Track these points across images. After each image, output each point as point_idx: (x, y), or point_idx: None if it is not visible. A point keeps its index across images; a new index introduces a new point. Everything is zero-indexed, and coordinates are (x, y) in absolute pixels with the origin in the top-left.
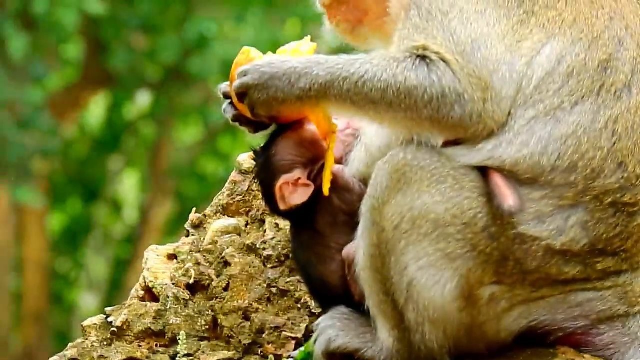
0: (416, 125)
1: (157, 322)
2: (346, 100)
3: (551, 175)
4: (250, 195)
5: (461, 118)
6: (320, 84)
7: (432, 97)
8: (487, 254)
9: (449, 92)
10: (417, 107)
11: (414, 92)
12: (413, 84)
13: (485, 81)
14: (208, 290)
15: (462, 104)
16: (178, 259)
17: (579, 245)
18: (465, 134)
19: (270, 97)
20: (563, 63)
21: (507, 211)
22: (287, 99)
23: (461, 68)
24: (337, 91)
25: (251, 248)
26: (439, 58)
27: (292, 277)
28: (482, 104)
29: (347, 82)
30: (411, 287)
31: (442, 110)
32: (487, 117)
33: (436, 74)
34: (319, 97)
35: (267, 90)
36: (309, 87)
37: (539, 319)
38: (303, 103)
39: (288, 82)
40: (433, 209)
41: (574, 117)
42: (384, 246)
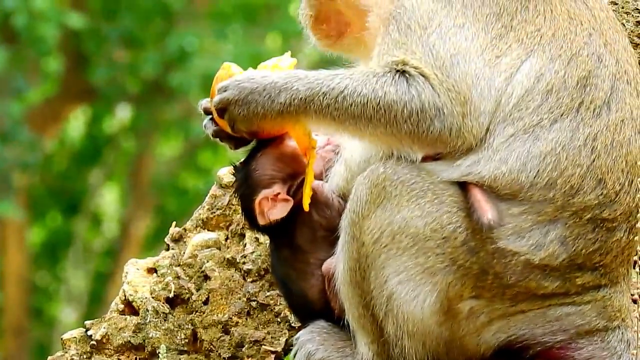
0: (396, 140)
1: (137, 335)
2: (326, 115)
3: (530, 191)
4: (230, 209)
5: (440, 132)
6: (300, 98)
7: (411, 111)
8: (467, 268)
9: (429, 107)
10: (397, 121)
11: (394, 106)
12: (392, 98)
13: (464, 95)
14: (188, 303)
15: (441, 119)
16: (158, 272)
17: (558, 260)
18: (444, 149)
19: (251, 112)
20: (542, 80)
21: (486, 225)
22: (267, 114)
23: (440, 82)
24: (317, 106)
25: (231, 262)
26: (418, 73)
27: (272, 291)
28: (462, 118)
29: (327, 97)
30: (391, 300)
31: (421, 125)
32: (466, 132)
33: (415, 88)
34: (299, 112)
35: (247, 105)
36: (289, 102)
37: (518, 333)
38: (283, 118)
39: (268, 97)
40: (412, 223)
41: (553, 134)
42: (363, 260)
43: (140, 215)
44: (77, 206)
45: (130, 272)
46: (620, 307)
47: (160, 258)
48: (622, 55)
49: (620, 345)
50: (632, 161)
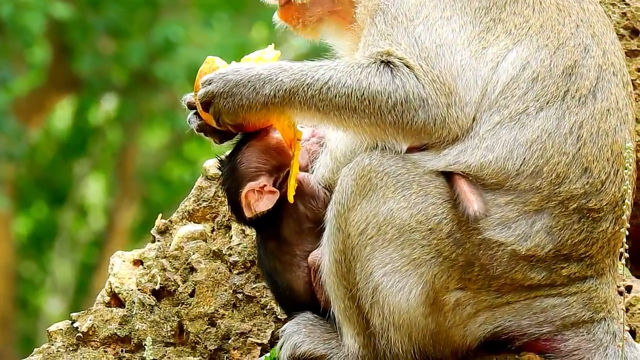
0: (380, 130)
1: (123, 327)
2: (311, 106)
3: (516, 180)
4: (216, 201)
5: (425, 123)
6: (284, 90)
7: (395, 102)
8: (452, 260)
9: (413, 97)
10: (381, 112)
11: (378, 97)
12: (377, 89)
13: (449, 86)
14: (174, 296)
15: (425, 109)
16: (144, 264)
17: (544, 251)
18: (429, 139)
19: (236, 105)
20: (528, 69)
21: (472, 216)
22: (252, 105)
23: (425, 73)
24: (302, 97)
25: (217, 254)
26: (402, 64)
27: (258, 283)
28: (446, 109)
29: (312, 88)
30: (376, 292)
31: (405, 116)
32: (451, 122)
33: (400, 79)
34: (284, 104)
35: (232, 97)
36: (273, 94)
37: (504, 324)
38: (268, 110)
39: (253, 89)
40: (398, 215)
41: (539, 122)
42: (349, 252)
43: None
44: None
45: (116, 264)
46: (606, 299)
47: (147, 250)
48: (609, 48)
49: (606, 337)
50: (618, 150)
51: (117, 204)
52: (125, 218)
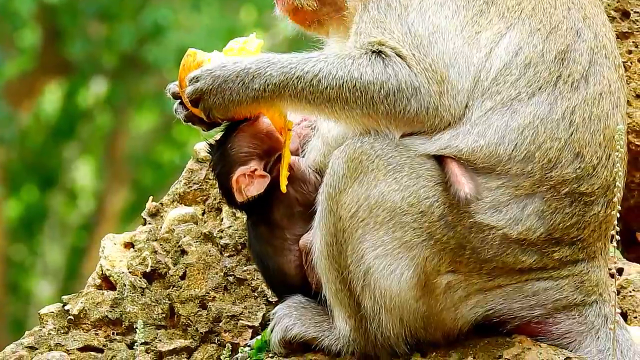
0: (373, 121)
1: (114, 310)
2: (301, 99)
3: (508, 164)
4: (207, 183)
5: (417, 112)
6: (274, 84)
7: (388, 92)
8: (444, 243)
9: (405, 87)
10: (374, 102)
11: (370, 87)
12: (369, 79)
13: (442, 74)
14: (165, 278)
15: (418, 98)
16: (135, 247)
17: (536, 235)
18: (421, 127)
19: (226, 101)
20: (520, 54)
21: (463, 199)
22: (242, 100)
23: (417, 62)
24: (292, 90)
25: (208, 237)
26: (394, 53)
27: (249, 265)
28: (438, 97)
29: (302, 82)
30: (368, 275)
31: (398, 105)
32: (443, 111)
33: (392, 68)
34: (274, 97)
35: (221, 93)
36: (263, 88)
37: (496, 307)
38: (259, 103)
39: (242, 84)
40: (389, 198)
41: (531, 107)
42: (340, 234)
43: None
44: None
45: (107, 246)
46: (598, 282)
47: (138, 233)
48: (600, 30)
49: (597, 320)
50: (610, 135)
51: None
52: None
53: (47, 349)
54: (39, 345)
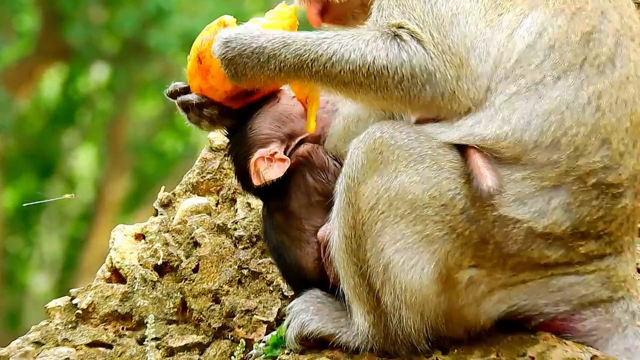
0: (388, 104)
1: (124, 304)
2: (317, 80)
3: (533, 153)
4: (221, 173)
5: (433, 97)
6: (289, 66)
7: (402, 77)
8: (466, 237)
9: (419, 72)
10: (388, 87)
11: (384, 72)
12: (382, 64)
13: (460, 58)
14: (177, 271)
15: (432, 83)
16: (146, 239)
17: (562, 228)
18: (439, 113)
19: (239, 73)
20: (544, 35)
21: (486, 192)
22: (256, 76)
23: (435, 45)
24: (307, 73)
25: (222, 228)
26: (411, 37)
27: (264, 258)
28: (455, 82)
29: (316, 64)
30: (387, 269)
31: (412, 91)
32: (461, 95)
33: (407, 52)
34: (290, 78)
35: (234, 65)
36: (278, 69)
37: (520, 303)
38: (274, 81)
39: (257, 61)
40: (410, 190)
41: (557, 92)
42: (359, 227)
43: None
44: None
45: (117, 238)
46: (625, 277)
47: (149, 224)
48: (625, 11)
49: (625, 317)
50: (637, 121)
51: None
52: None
53: (54, 345)
54: (46, 340)
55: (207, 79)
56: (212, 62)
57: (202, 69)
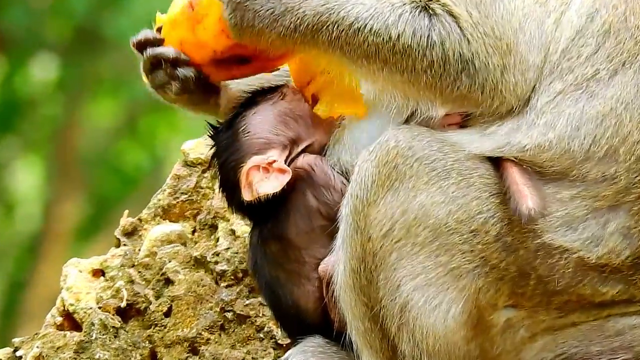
0: (415, 90)
1: (80, 356)
2: (336, 48)
3: (585, 165)
4: (199, 194)
5: (470, 90)
6: (306, 25)
7: (432, 62)
8: (502, 270)
9: (454, 58)
10: (415, 70)
11: (411, 53)
12: (408, 42)
13: (507, 43)
14: (145, 315)
15: (470, 73)
16: (106, 275)
17: (620, 258)
18: (476, 108)
19: (244, 23)
20: (597, 18)
21: (526, 215)
22: (265, 32)
23: (474, 25)
24: (326, 37)
25: (200, 262)
26: (445, 11)
27: (253, 298)
28: (500, 73)
29: (338, 29)
30: (405, 311)
31: (444, 79)
32: (505, 90)
33: (439, 32)
34: (305, 41)
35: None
36: (293, 27)
37: (569, 351)
38: (285, 42)
39: (271, 13)
40: (433, 212)
41: (613, 89)
42: (370, 259)
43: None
44: None
45: (70, 274)
46: None
47: (109, 257)
48: None
49: None
50: None
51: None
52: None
53: None
54: None
55: (196, 31)
56: (209, 10)
57: (192, 18)
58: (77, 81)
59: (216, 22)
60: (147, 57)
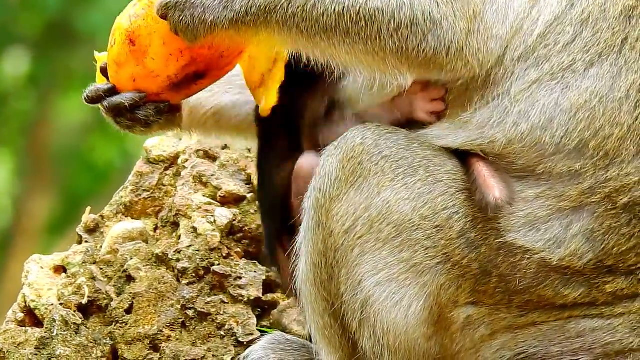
0: (379, 59)
1: (41, 352)
2: (292, 27)
3: (553, 159)
4: (161, 191)
5: (436, 52)
6: (258, 6)
7: (400, 23)
8: (464, 267)
9: (423, 18)
10: (380, 36)
11: (377, 16)
12: (376, 5)
13: (474, 9)
14: (106, 312)
15: (437, 34)
16: (67, 272)
17: (583, 261)
18: (440, 73)
19: (196, 19)
20: (577, 6)
21: (492, 205)
22: (217, 22)
23: None
24: (280, 16)
25: (161, 259)
26: None
27: (214, 296)
28: (465, 36)
29: (293, 5)
30: (367, 307)
31: (411, 42)
32: (469, 54)
33: None
34: (258, 24)
35: (191, 9)
36: (245, 10)
37: (529, 350)
38: (238, 30)
39: (219, 3)
40: (397, 208)
41: (588, 81)
42: (331, 254)
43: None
44: None
45: (32, 271)
46: None
47: (71, 253)
48: None
49: None
50: None
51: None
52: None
53: None
54: None
55: (145, 63)
56: (151, 40)
57: (137, 52)
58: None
59: (162, 49)
60: (105, 110)
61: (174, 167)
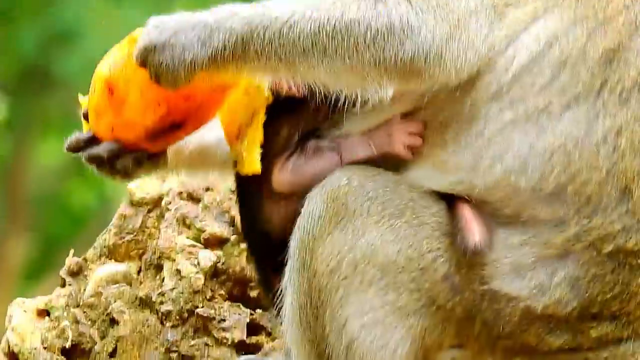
0: (357, 74)
1: None
2: (270, 54)
3: (534, 205)
4: (144, 233)
5: (413, 58)
6: (236, 39)
7: (376, 33)
8: (448, 310)
9: (400, 26)
10: (358, 49)
11: (354, 28)
12: (352, 17)
13: (459, 18)
14: (90, 356)
15: (415, 40)
16: (51, 315)
17: (567, 309)
18: (418, 82)
19: (176, 60)
20: (555, 47)
21: (471, 249)
22: (197, 61)
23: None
24: (258, 45)
25: (145, 302)
26: None
27: (197, 339)
28: (445, 41)
29: (269, 31)
30: (351, 349)
31: (388, 50)
32: (448, 60)
33: (385, 4)
34: (237, 57)
35: (170, 50)
36: (223, 45)
37: None
38: (218, 67)
39: (197, 39)
40: (382, 250)
41: (564, 124)
42: (316, 295)
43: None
44: None
45: (15, 314)
46: None
47: (54, 297)
48: None
49: None
50: None
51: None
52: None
53: None
54: None
55: (122, 113)
56: (128, 89)
57: (115, 102)
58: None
59: (139, 99)
60: (85, 159)
61: (157, 209)
